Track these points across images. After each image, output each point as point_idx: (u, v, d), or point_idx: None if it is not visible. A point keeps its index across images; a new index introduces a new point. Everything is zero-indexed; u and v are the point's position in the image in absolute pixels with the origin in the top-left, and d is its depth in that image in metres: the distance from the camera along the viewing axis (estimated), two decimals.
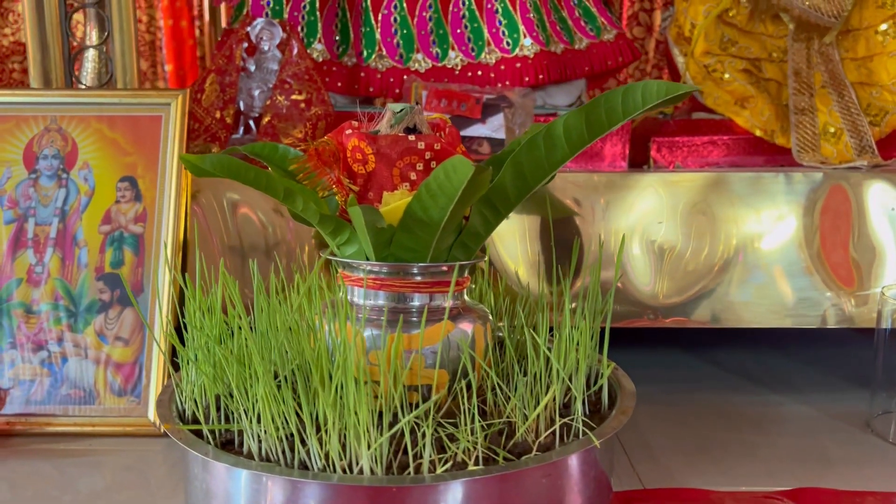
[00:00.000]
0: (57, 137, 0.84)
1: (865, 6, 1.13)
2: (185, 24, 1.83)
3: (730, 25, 1.13)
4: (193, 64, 1.81)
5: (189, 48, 1.81)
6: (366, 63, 1.15)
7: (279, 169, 0.69)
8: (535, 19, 1.15)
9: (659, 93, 0.55)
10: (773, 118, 1.11)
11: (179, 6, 1.74)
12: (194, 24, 1.76)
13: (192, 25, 1.76)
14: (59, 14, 0.85)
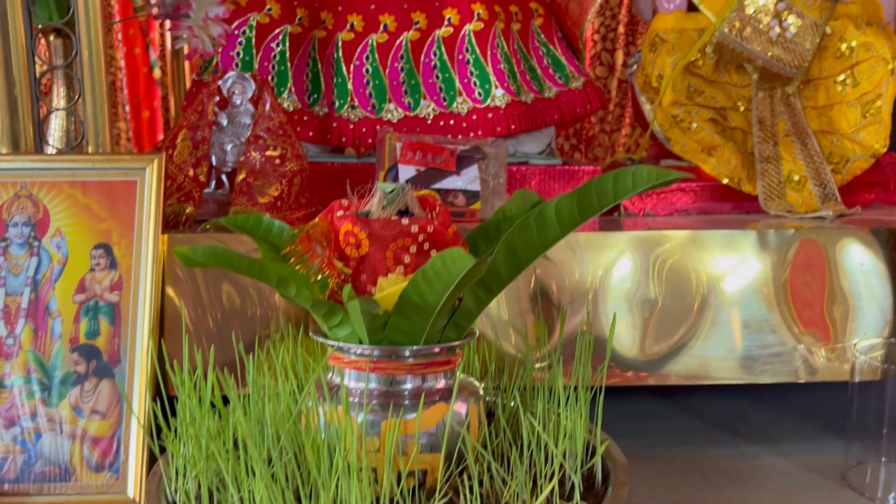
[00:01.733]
0: (28, 204, 0.81)
1: (825, 57, 1.17)
2: (138, 51, 1.81)
3: (696, 76, 1.16)
4: (149, 91, 1.79)
5: (144, 75, 1.78)
6: (338, 113, 1.15)
7: (264, 242, 0.68)
8: (505, 70, 1.16)
9: (649, 178, 0.56)
10: (740, 166, 1.14)
11: (133, 33, 1.71)
12: (148, 52, 1.73)
13: (146, 52, 1.73)
14: (28, 78, 0.83)
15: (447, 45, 1.16)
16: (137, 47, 1.73)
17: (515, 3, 1.21)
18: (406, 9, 1.15)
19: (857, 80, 1.15)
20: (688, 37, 1.16)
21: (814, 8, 1.16)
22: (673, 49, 1.15)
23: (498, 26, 1.17)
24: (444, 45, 1.16)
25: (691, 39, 1.16)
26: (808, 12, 1.16)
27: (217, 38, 0.99)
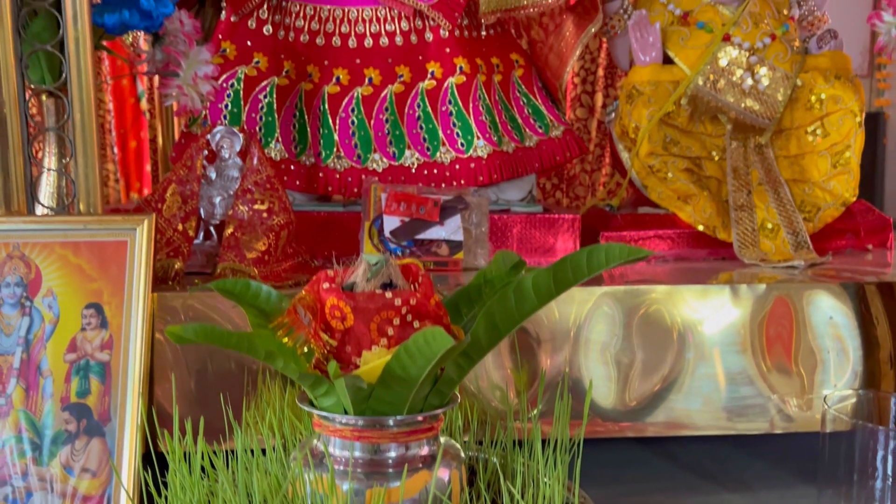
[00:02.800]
0: (20, 264, 0.83)
1: (796, 108, 1.21)
2: (125, 82, 1.83)
3: (672, 127, 1.20)
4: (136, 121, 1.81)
5: (131, 106, 1.80)
6: (324, 163, 1.18)
7: (251, 308, 0.70)
8: (487, 121, 1.19)
9: (621, 255, 0.59)
10: (715, 214, 1.17)
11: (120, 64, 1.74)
12: (135, 82, 1.76)
13: (133, 83, 1.75)
14: (21, 140, 0.85)
15: (430, 98, 1.19)
16: (125, 78, 1.75)
17: (497, 55, 1.25)
18: (391, 63, 1.19)
19: (827, 130, 1.19)
20: (663, 89, 1.20)
21: (785, 61, 1.20)
22: (649, 102, 1.19)
23: (479, 79, 1.20)
24: (427, 98, 1.19)
25: (667, 91, 1.20)
26: (779, 65, 1.20)
27: (206, 95, 1.02)
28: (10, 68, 0.85)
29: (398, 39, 1.19)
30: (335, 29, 1.18)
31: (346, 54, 1.18)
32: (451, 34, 1.18)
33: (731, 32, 1.20)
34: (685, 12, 1.23)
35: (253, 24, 1.18)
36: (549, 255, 1.17)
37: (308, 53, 1.19)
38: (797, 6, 1.28)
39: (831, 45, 1.22)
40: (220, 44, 1.17)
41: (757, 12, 1.22)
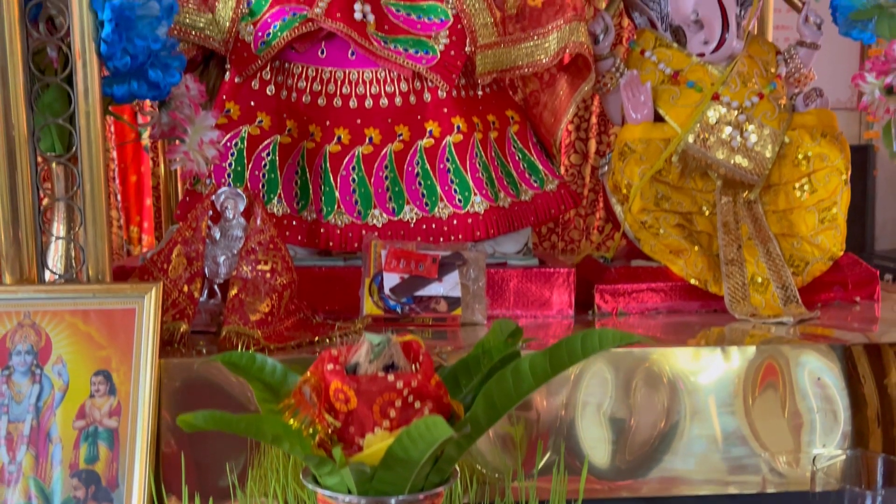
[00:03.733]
0: (30, 332, 0.86)
1: (784, 164, 1.24)
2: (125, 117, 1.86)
3: (663, 183, 1.23)
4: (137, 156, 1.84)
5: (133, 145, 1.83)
6: (325, 219, 1.21)
7: (257, 381, 0.73)
8: (483, 178, 1.22)
9: (614, 340, 0.62)
10: (706, 268, 1.20)
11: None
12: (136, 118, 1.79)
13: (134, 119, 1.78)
14: (32, 209, 0.88)
15: (429, 155, 1.22)
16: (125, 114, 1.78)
17: (493, 112, 1.28)
18: (390, 123, 1.22)
19: (814, 186, 1.22)
20: (655, 146, 1.24)
21: (773, 119, 1.24)
22: (640, 159, 1.22)
23: (476, 136, 1.23)
24: (426, 155, 1.22)
25: (658, 149, 1.23)
26: (767, 123, 1.24)
27: (211, 159, 1.05)
28: (22, 141, 0.88)
29: (397, 100, 1.22)
30: (336, 90, 1.22)
31: (347, 115, 1.21)
32: (449, 94, 1.22)
33: (720, 92, 1.24)
34: (675, 71, 1.27)
35: (256, 84, 1.21)
36: (545, 308, 1.20)
37: (310, 113, 1.22)
38: (784, 64, 1.31)
39: (817, 104, 1.26)
40: (225, 104, 1.20)
41: (745, 72, 1.26)
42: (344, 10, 1.17)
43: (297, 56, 1.22)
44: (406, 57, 1.19)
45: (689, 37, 1.29)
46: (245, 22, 1.19)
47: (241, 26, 1.19)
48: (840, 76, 2.85)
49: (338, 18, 1.17)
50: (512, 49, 1.24)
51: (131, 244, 1.89)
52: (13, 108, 0.87)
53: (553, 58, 1.24)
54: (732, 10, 1.26)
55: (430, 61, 1.20)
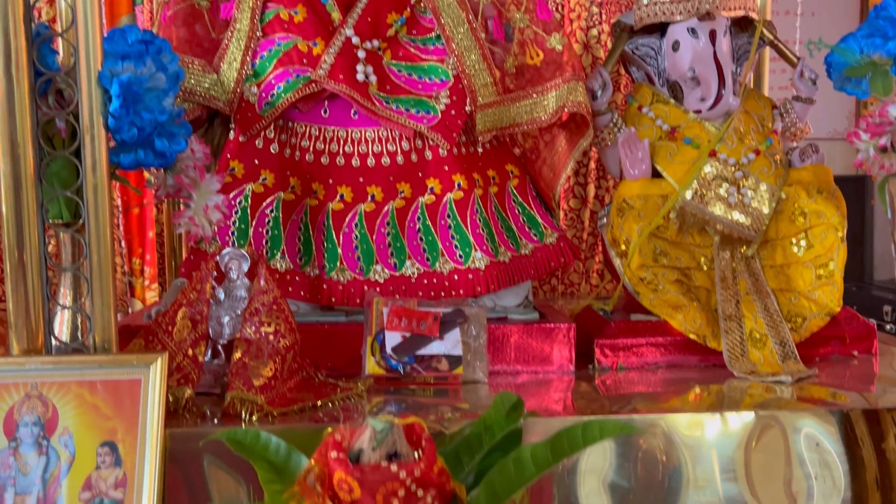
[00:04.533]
0: (38, 404, 0.87)
1: (781, 220, 1.26)
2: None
3: (661, 239, 1.25)
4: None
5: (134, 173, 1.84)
6: (328, 275, 1.22)
7: (261, 460, 0.74)
8: (484, 233, 1.24)
9: (613, 430, 0.63)
10: (705, 324, 1.21)
11: None
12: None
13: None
14: (40, 281, 0.90)
15: (430, 212, 1.24)
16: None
17: (493, 168, 1.30)
18: (392, 181, 1.24)
19: (811, 242, 1.24)
20: (653, 202, 1.25)
21: (769, 175, 1.26)
22: (639, 216, 1.24)
23: (476, 192, 1.25)
24: (427, 212, 1.24)
25: (656, 205, 1.25)
26: (764, 179, 1.26)
27: (216, 222, 1.06)
28: (31, 214, 0.89)
29: (399, 158, 1.24)
30: (339, 149, 1.24)
31: (350, 173, 1.23)
32: (450, 152, 1.24)
33: (717, 149, 1.26)
34: (672, 128, 1.29)
35: (260, 143, 1.23)
36: (545, 363, 1.21)
37: (313, 172, 1.24)
38: (780, 118, 1.33)
39: (813, 160, 1.28)
40: (229, 163, 1.22)
41: (741, 128, 1.28)
42: (347, 71, 1.19)
43: (301, 115, 1.24)
44: (408, 117, 1.21)
45: (685, 93, 1.31)
46: (249, 83, 1.21)
47: (245, 87, 1.21)
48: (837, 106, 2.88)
49: (341, 80, 1.19)
50: (512, 107, 1.26)
51: (133, 276, 1.91)
52: (23, 181, 0.89)
53: (552, 116, 1.26)
54: (728, 67, 1.28)
55: (432, 121, 1.22)
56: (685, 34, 1.29)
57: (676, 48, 1.30)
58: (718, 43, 1.28)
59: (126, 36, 0.98)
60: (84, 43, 0.90)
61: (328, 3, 1.23)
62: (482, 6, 1.26)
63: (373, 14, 1.24)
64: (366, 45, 1.22)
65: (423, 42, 1.26)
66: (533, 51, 1.27)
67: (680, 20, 1.29)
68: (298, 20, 1.22)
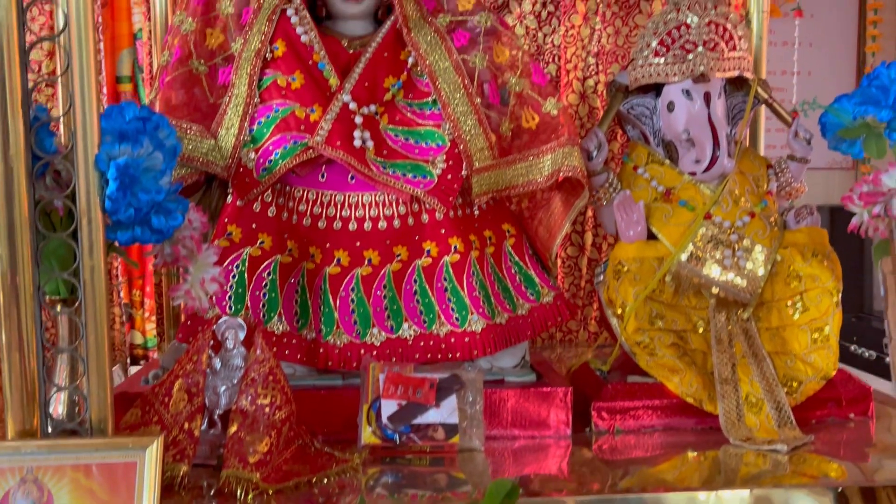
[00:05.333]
0: (33, 488, 0.87)
1: (776, 282, 1.26)
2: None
3: (657, 302, 1.25)
4: None
5: None
6: (324, 339, 1.22)
7: None
8: (480, 296, 1.24)
9: None
10: (701, 388, 1.21)
11: None
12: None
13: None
14: (37, 363, 0.90)
15: (427, 274, 1.25)
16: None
17: (489, 228, 1.31)
18: (388, 244, 1.24)
19: (806, 305, 1.24)
20: (648, 265, 1.26)
21: (764, 237, 1.26)
22: (634, 279, 1.24)
23: (473, 255, 1.25)
24: (424, 274, 1.25)
25: (652, 268, 1.26)
26: (759, 241, 1.26)
27: (212, 293, 1.07)
28: (27, 296, 0.90)
29: (396, 222, 1.24)
30: (336, 213, 1.24)
31: (347, 237, 1.24)
32: (446, 215, 1.24)
33: (712, 211, 1.26)
34: (668, 189, 1.30)
35: (258, 207, 1.24)
36: (542, 428, 1.21)
37: (310, 235, 1.24)
38: (775, 177, 1.34)
39: (808, 221, 1.28)
40: (227, 227, 1.23)
41: (736, 190, 1.28)
42: (344, 137, 1.20)
43: (298, 180, 1.25)
44: (404, 181, 1.22)
45: (681, 153, 1.32)
46: (247, 148, 1.22)
47: (242, 153, 1.22)
48: None
49: (338, 146, 1.19)
50: (508, 170, 1.27)
51: (133, 308, 1.91)
52: (20, 265, 0.89)
53: (547, 178, 1.26)
54: (723, 130, 1.29)
55: (428, 185, 1.22)
56: (680, 95, 1.30)
57: (671, 109, 1.31)
58: (713, 105, 1.29)
59: (124, 113, 0.99)
60: (81, 127, 0.90)
61: (325, 69, 1.24)
62: (478, 71, 1.27)
63: (370, 79, 1.25)
64: (363, 110, 1.23)
65: (419, 106, 1.26)
66: (529, 114, 1.28)
67: (675, 81, 1.30)
68: (296, 87, 1.23)
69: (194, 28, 1.26)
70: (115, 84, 1.85)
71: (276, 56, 1.24)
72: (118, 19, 1.86)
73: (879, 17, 2.97)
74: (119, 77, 1.85)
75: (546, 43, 1.70)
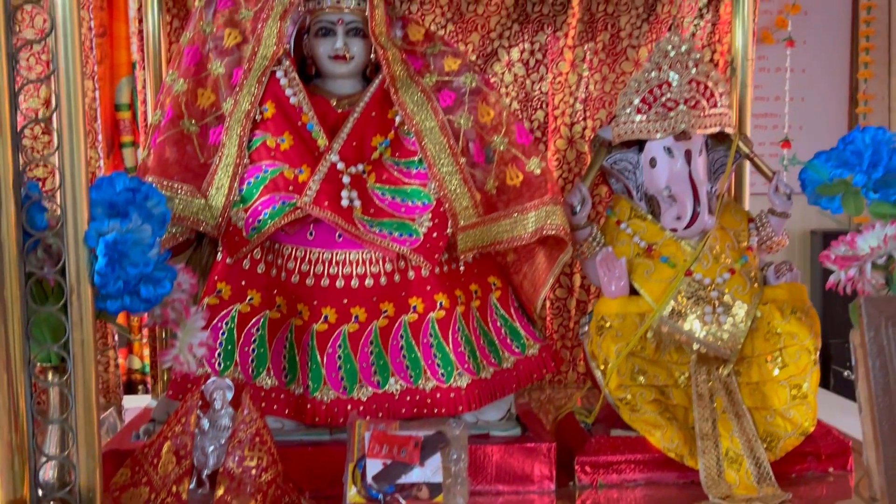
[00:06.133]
0: None
1: (756, 337, 1.29)
2: None
3: (639, 357, 1.27)
4: None
5: None
6: (312, 395, 1.25)
7: None
8: (466, 352, 1.26)
9: None
10: (682, 443, 1.23)
11: None
12: None
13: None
14: (27, 432, 0.92)
15: (413, 330, 1.27)
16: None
17: (475, 282, 1.33)
18: (375, 301, 1.27)
19: (785, 361, 1.26)
20: (630, 321, 1.28)
21: (744, 294, 1.29)
22: (616, 336, 1.26)
23: (458, 310, 1.28)
24: (410, 330, 1.27)
25: (634, 324, 1.28)
26: (739, 298, 1.28)
27: (200, 357, 1.09)
28: (18, 370, 0.92)
29: (382, 280, 1.27)
30: (324, 270, 1.27)
31: (334, 294, 1.26)
32: (432, 272, 1.27)
33: (693, 268, 1.29)
34: (649, 245, 1.32)
35: (247, 264, 1.26)
36: (526, 482, 1.23)
37: (298, 293, 1.27)
38: (756, 232, 1.36)
39: (787, 278, 1.31)
40: (217, 285, 1.25)
41: (717, 247, 1.31)
42: (331, 197, 1.23)
43: (287, 237, 1.27)
44: (391, 240, 1.24)
45: (663, 209, 1.34)
46: (237, 208, 1.25)
47: (232, 212, 1.25)
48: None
49: (325, 206, 1.22)
50: (493, 226, 1.30)
51: (131, 333, 1.93)
52: (11, 339, 0.92)
53: (532, 235, 1.29)
54: (703, 187, 1.32)
55: (414, 243, 1.25)
56: (661, 152, 1.33)
57: (654, 165, 1.34)
58: (694, 163, 1.32)
59: (114, 184, 1.01)
60: (71, 204, 0.93)
61: (314, 129, 1.27)
62: (463, 131, 1.30)
63: (358, 138, 1.28)
64: (350, 169, 1.26)
65: (406, 165, 1.29)
66: (513, 172, 1.31)
67: (657, 139, 1.33)
68: (285, 148, 1.25)
69: (186, 89, 1.28)
70: (115, 112, 1.89)
71: (265, 117, 1.27)
72: (117, 48, 1.89)
73: (872, 45, 2.99)
74: (118, 105, 1.89)
75: (534, 90, 1.73)
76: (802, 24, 2.93)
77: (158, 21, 1.57)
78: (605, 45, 1.72)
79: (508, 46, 1.71)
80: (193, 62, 1.30)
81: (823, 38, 2.99)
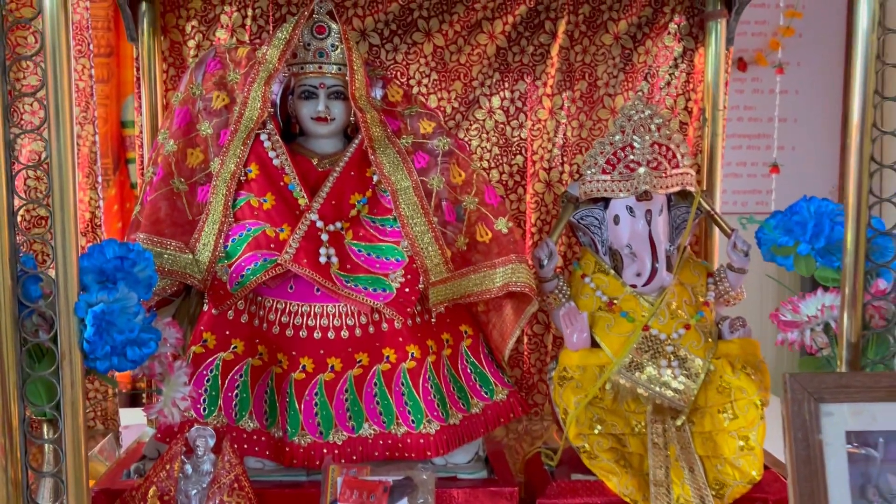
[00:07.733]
0: None
1: (709, 389, 1.36)
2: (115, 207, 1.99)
3: (598, 407, 1.35)
4: None
5: None
6: (290, 439, 1.33)
7: None
8: (436, 400, 1.35)
9: None
10: (636, 489, 1.31)
11: None
12: None
13: None
14: (23, 489, 1.01)
15: (386, 378, 1.35)
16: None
17: (447, 331, 1.41)
18: (350, 351, 1.35)
19: (735, 413, 1.34)
20: (591, 372, 1.36)
21: (699, 348, 1.36)
22: (577, 387, 1.34)
23: (429, 360, 1.36)
24: (383, 378, 1.35)
25: (594, 375, 1.36)
26: (693, 352, 1.36)
27: (184, 409, 1.18)
28: (14, 431, 1.01)
29: (357, 331, 1.35)
30: (303, 322, 1.35)
31: (311, 345, 1.34)
32: (404, 324, 1.35)
33: (650, 324, 1.36)
34: (611, 299, 1.40)
35: (231, 315, 1.35)
36: None
37: (279, 342, 1.35)
38: (714, 287, 1.44)
39: (740, 333, 1.38)
40: (202, 334, 1.34)
41: (674, 303, 1.38)
42: (310, 254, 1.31)
43: (269, 290, 1.36)
44: (365, 295, 1.33)
45: (625, 264, 1.42)
46: (221, 263, 1.33)
47: (218, 267, 1.33)
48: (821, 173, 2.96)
49: (304, 264, 1.30)
50: (463, 280, 1.38)
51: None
52: (9, 401, 1.01)
53: (500, 289, 1.37)
54: (662, 246, 1.39)
55: (387, 298, 1.33)
56: (624, 211, 1.40)
57: (617, 222, 1.41)
58: (654, 222, 1.39)
59: (104, 251, 1.10)
60: (63, 278, 1.01)
61: (295, 189, 1.35)
62: (436, 191, 1.38)
63: (337, 197, 1.36)
64: (329, 227, 1.34)
65: (381, 223, 1.37)
66: (483, 230, 1.39)
67: (620, 197, 1.40)
68: (267, 207, 1.34)
69: (176, 149, 1.37)
70: (121, 129, 1.99)
71: (249, 178, 1.35)
72: (123, 66, 1.98)
73: None
74: (125, 122, 1.99)
75: (514, 136, 1.80)
76: (796, 46, 2.98)
77: (156, 71, 1.65)
78: (582, 93, 1.79)
79: (489, 94, 1.79)
80: (183, 123, 1.39)
81: (817, 60, 3.04)
